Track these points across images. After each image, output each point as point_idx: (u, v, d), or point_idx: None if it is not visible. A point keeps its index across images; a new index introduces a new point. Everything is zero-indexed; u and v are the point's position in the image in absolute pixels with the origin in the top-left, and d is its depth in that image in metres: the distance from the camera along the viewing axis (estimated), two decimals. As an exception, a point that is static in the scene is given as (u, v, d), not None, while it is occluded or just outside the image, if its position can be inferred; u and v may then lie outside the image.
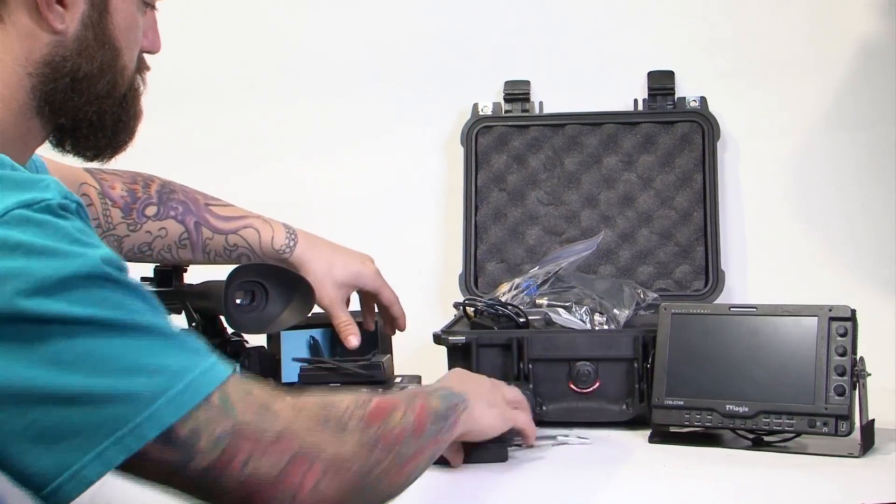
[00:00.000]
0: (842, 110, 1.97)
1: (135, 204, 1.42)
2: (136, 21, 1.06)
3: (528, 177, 1.97)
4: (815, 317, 1.33)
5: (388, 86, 2.07)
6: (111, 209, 1.41)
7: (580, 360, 1.48)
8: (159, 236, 1.43)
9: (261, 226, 1.48)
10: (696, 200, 1.91)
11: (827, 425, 1.29)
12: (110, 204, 1.41)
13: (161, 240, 1.44)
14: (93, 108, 1.04)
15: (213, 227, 1.46)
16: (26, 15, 0.97)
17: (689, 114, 1.95)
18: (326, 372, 1.46)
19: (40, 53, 0.99)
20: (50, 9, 0.97)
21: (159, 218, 1.43)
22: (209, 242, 1.46)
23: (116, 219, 1.41)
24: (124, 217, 1.42)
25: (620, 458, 1.34)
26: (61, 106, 1.02)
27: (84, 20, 1.00)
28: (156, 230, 1.43)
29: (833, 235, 1.94)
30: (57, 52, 1.00)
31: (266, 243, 1.47)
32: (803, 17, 1.99)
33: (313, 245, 1.49)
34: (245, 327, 1.38)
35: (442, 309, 1.85)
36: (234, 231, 1.47)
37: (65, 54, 1.00)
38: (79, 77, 1.02)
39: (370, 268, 1.53)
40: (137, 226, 1.42)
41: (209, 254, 1.47)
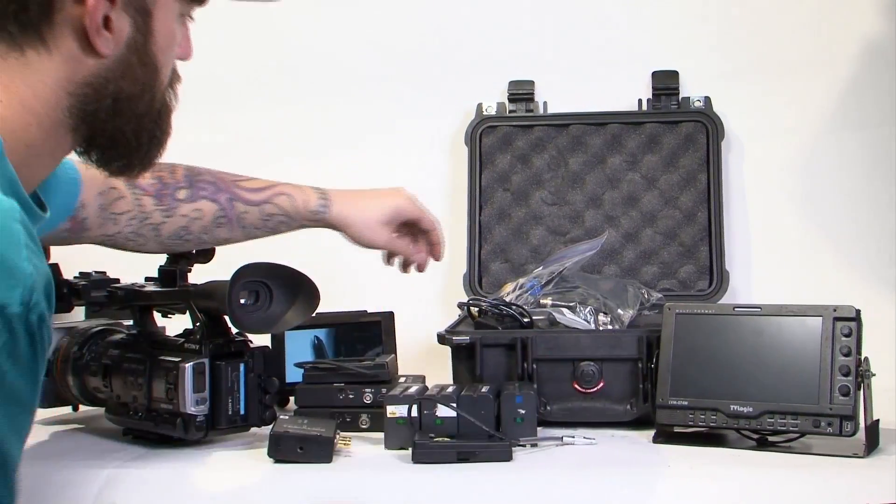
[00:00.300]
0: (846, 110, 1.97)
1: (165, 189, 1.42)
2: (175, 37, 1.06)
3: (532, 177, 1.97)
4: (819, 317, 1.33)
5: (392, 86, 2.07)
6: (142, 198, 1.41)
7: (584, 360, 1.48)
8: (196, 218, 1.44)
9: (292, 191, 1.49)
10: (700, 200, 1.91)
11: (831, 426, 1.29)
12: (140, 193, 1.41)
13: (197, 222, 1.44)
14: (131, 127, 1.04)
15: (246, 199, 1.47)
16: (72, 38, 0.97)
17: (693, 114, 1.95)
18: (330, 372, 1.47)
19: (82, 75, 0.99)
20: (99, 34, 0.97)
21: (192, 200, 1.44)
22: (245, 216, 1.47)
23: (149, 207, 1.41)
24: (157, 204, 1.42)
25: (625, 458, 1.34)
26: (102, 126, 1.02)
27: (129, 43, 1.00)
28: (191, 212, 1.44)
29: (837, 235, 1.94)
30: (99, 74, 0.99)
31: (301, 207, 1.48)
32: (808, 17, 1.99)
33: (345, 199, 1.51)
34: (249, 327, 1.38)
35: (446, 309, 1.85)
36: (266, 200, 1.48)
37: (107, 76, 1.00)
38: (121, 98, 1.01)
39: (405, 196, 1.56)
40: (171, 211, 1.43)
41: (246, 228, 1.48)
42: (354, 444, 1.36)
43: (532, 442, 1.36)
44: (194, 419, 1.34)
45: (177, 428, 1.34)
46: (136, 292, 1.46)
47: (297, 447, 1.30)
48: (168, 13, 1.03)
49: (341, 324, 1.71)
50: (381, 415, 1.37)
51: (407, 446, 1.33)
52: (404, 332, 1.72)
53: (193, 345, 1.38)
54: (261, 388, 1.40)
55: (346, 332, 1.72)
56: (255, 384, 1.40)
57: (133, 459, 1.33)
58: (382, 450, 1.36)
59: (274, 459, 1.30)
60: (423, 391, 1.41)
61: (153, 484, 1.25)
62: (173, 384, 1.35)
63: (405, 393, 1.39)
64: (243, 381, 1.39)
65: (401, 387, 1.43)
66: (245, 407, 1.39)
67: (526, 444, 1.35)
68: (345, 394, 1.45)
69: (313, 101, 2.09)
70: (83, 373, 1.50)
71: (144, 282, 1.49)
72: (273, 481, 1.26)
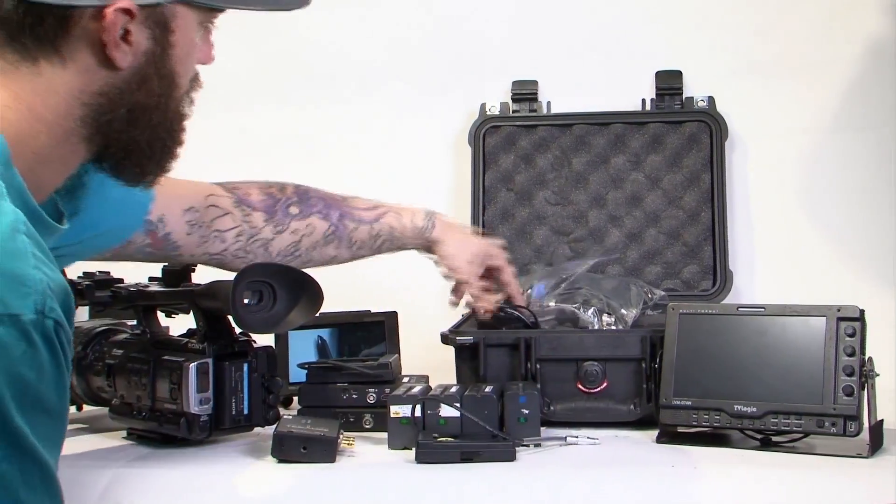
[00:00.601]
0: (850, 110, 1.96)
1: (276, 205, 1.43)
2: (195, 47, 1.05)
3: (535, 177, 1.97)
4: (823, 317, 1.33)
5: (396, 86, 2.07)
6: (252, 214, 1.42)
7: (588, 360, 1.48)
8: (306, 234, 1.45)
9: (401, 210, 1.54)
10: (703, 200, 1.91)
11: (835, 426, 1.29)
12: (250, 209, 1.42)
13: (308, 237, 1.46)
14: (145, 137, 1.03)
15: (358, 217, 1.49)
16: (88, 51, 0.96)
17: (696, 114, 1.95)
18: (334, 372, 1.47)
19: (97, 85, 0.98)
20: (116, 48, 0.96)
21: (303, 216, 1.45)
22: (354, 234, 1.49)
23: (260, 223, 1.42)
24: (268, 220, 1.43)
25: (628, 458, 1.34)
26: (116, 136, 1.02)
27: (146, 55, 0.99)
28: (302, 228, 1.45)
29: (841, 235, 1.94)
30: (115, 85, 0.99)
31: (407, 227, 1.53)
32: (811, 17, 1.99)
33: (449, 225, 1.57)
34: (253, 327, 1.38)
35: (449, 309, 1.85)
36: (377, 219, 1.51)
37: (123, 87, 0.99)
38: (136, 109, 1.01)
39: (498, 247, 1.61)
40: (283, 226, 1.44)
41: (353, 245, 1.50)
42: (358, 444, 1.37)
43: (535, 442, 1.36)
44: (198, 419, 1.35)
45: (181, 428, 1.34)
46: (140, 292, 1.46)
47: (300, 447, 1.30)
48: (188, 24, 1.03)
49: (345, 324, 1.72)
50: (384, 415, 1.37)
51: (410, 446, 1.33)
52: (408, 332, 1.72)
53: (197, 345, 1.38)
54: (264, 388, 1.40)
55: (349, 332, 1.72)
56: (258, 384, 1.40)
57: (137, 459, 1.34)
58: (386, 450, 1.36)
59: (277, 459, 1.31)
60: (426, 391, 1.41)
61: (157, 484, 1.25)
62: (177, 384, 1.35)
63: (409, 393, 1.39)
64: (247, 381, 1.39)
65: (404, 387, 1.43)
66: (249, 407, 1.39)
67: (529, 444, 1.35)
68: (348, 394, 1.45)
69: (317, 102, 2.09)
70: (87, 373, 1.50)
71: (148, 282, 1.49)
72: (277, 481, 1.26)
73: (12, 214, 0.87)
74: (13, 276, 0.83)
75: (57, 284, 0.87)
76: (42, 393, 0.85)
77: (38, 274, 0.84)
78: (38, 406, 0.85)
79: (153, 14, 0.98)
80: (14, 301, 0.82)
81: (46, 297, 0.84)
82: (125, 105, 1.00)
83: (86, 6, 0.94)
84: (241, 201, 1.42)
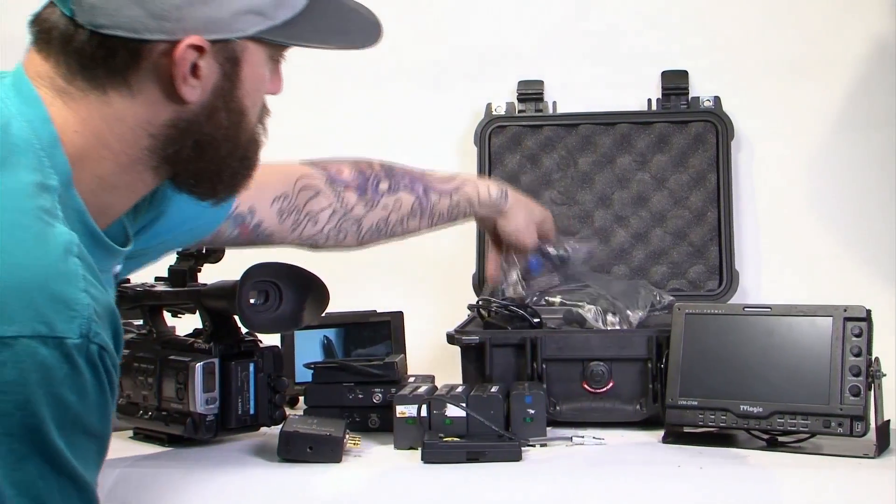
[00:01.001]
0: (856, 110, 1.96)
1: (367, 182, 1.45)
2: (264, 80, 1.05)
3: (541, 177, 1.97)
4: (829, 317, 1.33)
5: (402, 85, 2.07)
6: (344, 192, 1.43)
7: (594, 360, 1.48)
8: (394, 209, 1.47)
9: (476, 180, 1.58)
10: (709, 200, 1.90)
11: (842, 426, 1.29)
12: (342, 187, 1.43)
13: (396, 213, 1.47)
14: (213, 167, 1.03)
15: (439, 189, 1.51)
16: (157, 84, 0.96)
17: (702, 113, 1.94)
18: (339, 372, 1.47)
19: (165, 118, 0.98)
20: (185, 82, 0.96)
21: (392, 191, 1.47)
22: (436, 206, 1.51)
23: (352, 200, 1.43)
24: (360, 196, 1.44)
25: (634, 458, 1.34)
26: (184, 166, 1.02)
27: (215, 89, 0.99)
28: (391, 203, 1.47)
29: (848, 235, 1.94)
30: (183, 118, 0.99)
31: (484, 196, 1.55)
32: (817, 17, 1.98)
33: (518, 198, 1.60)
34: (259, 327, 1.39)
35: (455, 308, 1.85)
36: (455, 190, 1.53)
37: (191, 119, 0.99)
38: (204, 141, 1.01)
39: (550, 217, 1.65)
40: (374, 202, 1.45)
41: (434, 217, 1.52)
42: (364, 443, 1.37)
43: (541, 442, 1.36)
44: (204, 419, 1.35)
45: (187, 427, 1.35)
46: (146, 292, 1.46)
47: (306, 447, 1.30)
48: (258, 59, 1.02)
49: (351, 324, 1.72)
50: (390, 414, 1.37)
51: (416, 446, 1.33)
52: (414, 332, 1.72)
53: (203, 344, 1.39)
54: (270, 388, 1.40)
55: (355, 332, 1.72)
56: (264, 384, 1.40)
57: (143, 459, 1.34)
58: (392, 450, 1.36)
59: (283, 459, 1.31)
60: (432, 391, 1.41)
61: (163, 483, 1.26)
62: (183, 384, 1.35)
63: (415, 393, 1.39)
64: (253, 381, 1.39)
65: (410, 387, 1.43)
66: (255, 407, 1.39)
67: (535, 443, 1.35)
68: (354, 394, 1.45)
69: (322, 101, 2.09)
70: (93, 372, 1.50)
71: (154, 281, 1.49)
72: (282, 481, 1.26)
73: (66, 236, 0.88)
74: (61, 299, 0.85)
75: (104, 308, 0.89)
76: (83, 415, 0.87)
77: (85, 298, 0.86)
78: (79, 427, 0.87)
79: (223, 49, 0.98)
80: (60, 324, 0.84)
81: (92, 321, 0.86)
82: (193, 137, 1.00)
83: (157, 41, 0.95)
84: (333, 180, 1.42)
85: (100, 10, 0.93)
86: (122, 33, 0.94)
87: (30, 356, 0.82)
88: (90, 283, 0.87)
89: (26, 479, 0.84)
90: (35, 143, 0.93)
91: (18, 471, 0.83)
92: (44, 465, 0.84)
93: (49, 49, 0.97)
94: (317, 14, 1.04)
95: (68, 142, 0.95)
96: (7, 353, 0.82)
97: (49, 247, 0.86)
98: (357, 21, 1.10)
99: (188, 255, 1.46)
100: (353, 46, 1.09)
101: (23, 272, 0.84)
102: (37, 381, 0.83)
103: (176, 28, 0.94)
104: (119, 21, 0.93)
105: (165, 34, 0.94)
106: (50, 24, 0.96)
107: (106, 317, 0.89)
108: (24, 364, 0.82)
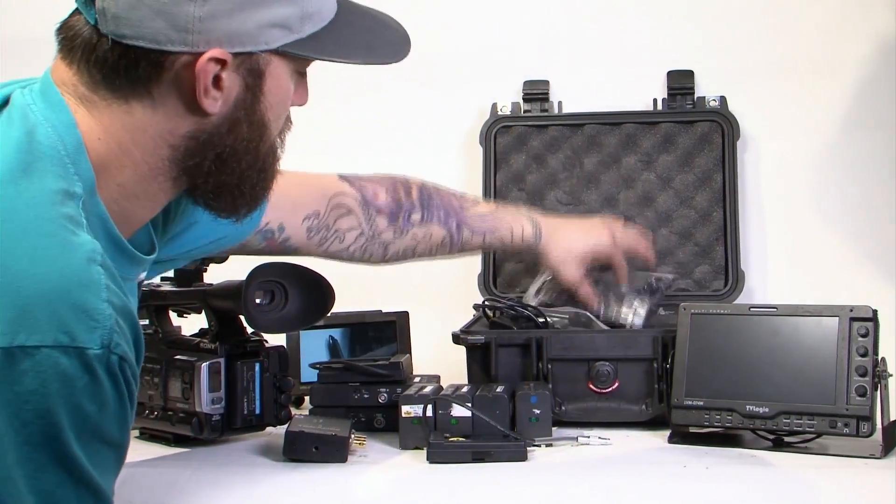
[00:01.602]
0: (862, 109, 1.96)
1: (399, 211, 1.45)
2: (288, 93, 1.05)
3: (547, 177, 1.97)
4: (835, 317, 1.32)
5: (407, 85, 2.07)
6: (376, 217, 1.44)
7: (599, 360, 1.47)
8: (423, 241, 1.48)
9: (512, 221, 1.57)
10: (715, 200, 1.90)
11: (848, 426, 1.29)
12: (375, 212, 1.43)
13: (424, 244, 1.48)
14: (234, 180, 1.03)
15: (472, 228, 1.52)
16: (179, 95, 0.97)
17: (708, 113, 1.94)
18: (345, 372, 1.47)
19: (187, 129, 0.99)
20: (206, 95, 0.96)
21: (424, 224, 1.47)
22: (466, 243, 1.52)
23: (382, 226, 1.44)
24: (390, 224, 1.45)
25: (640, 458, 1.34)
26: (204, 178, 1.02)
27: (237, 102, 0.99)
28: (421, 235, 1.48)
29: (854, 235, 1.93)
30: (204, 129, 0.99)
31: (518, 238, 1.56)
32: (823, 16, 1.98)
33: (555, 229, 1.59)
34: (264, 327, 1.39)
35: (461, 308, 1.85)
36: (490, 231, 1.54)
37: (212, 131, 0.99)
38: (225, 153, 1.01)
39: (609, 233, 1.62)
40: (404, 232, 1.46)
41: (464, 251, 1.53)
42: (369, 443, 1.37)
43: (547, 442, 1.36)
44: (210, 419, 1.35)
45: (192, 427, 1.35)
46: (152, 292, 1.46)
47: (312, 447, 1.30)
48: (281, 72, 1.02)
49: (356, 323, 1.72)
50: (396, 414, 1.37)
51: (422, 446, 1.33)
52: (419, 332, 1.72)
53: (209, 344, 1.39)
54: (276, 388, 1.41)
55: (361, 332, 1.72)
56: (270, 384, 1.40)
57: (149, 459, 1.34)
58: (397, 449, 1.36)
59: (289, 459, 1.31)
60: (437, 391, 1.41)
61: (169, 483, 1.26)
62: (189, 384, 1.35)
63: (420, 393, 1.39)
64: (259, 381, 1.39)
65: (416, 386, 1.43)
66: (260, 406, 1.40)
67: (541, 444, 1.35)
68: (360, 393, 1.45)
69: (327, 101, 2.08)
70: (99, 372, 1.50)
71: (160, 281, 1.49)
72: (288, 481, 1.26)
73: (89, 244, 0.89)
74: (83, 309, 0.85)
75: (126, 317, 0.89)
76: (102, 425, 0.87)
77: (107, 308, 0.86)
78: (98, 436, 0.87)
79: (246, 62, 0.98)
80: (82, 334, 0.84)
81: (113, 332, 0.86)
82: (214, 149, 1.00)
83: (179, 52, 0.95)
84: (367, 203, 1.43)
85: (123, 21, 0.94)
86: (144, 44, 0.94)
87: (51, 366, 0.83)
88: (112, 293, 0.88)
89: (46, 488, 0.85)
90: (61, 150, 0.93)
91: (38, 479, 0.84)
92: (62, 473, 0.85)
93: (73, 57, 0.97)
94: (344, 28, 1.04)
95: (92, 149, 0.96)
96: (29, 362, 0.82)
97: (72, 256, 0.87)
98: (385, 35, 1.10)
99: (194, 254, 1.47)
100: (378, 62, 1.11)
101: (46, 282, 0.84)
102: (57, 390, 0.83)
103: (199, 40, 0.94)
104: (142, 32, 0.94)
105: (188, 46, 0.94)
106: (74, 33, 0.97)
107: (127, 326, 0.89)
108: (46, 374, 0.83)
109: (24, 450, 0.83)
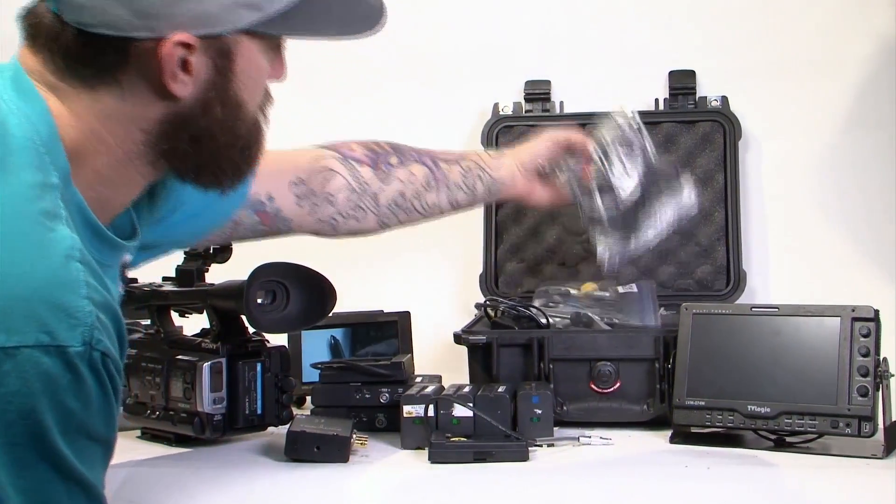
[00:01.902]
0: (863, 109, 1.96)
1: (378, 158, 1.45)
2: (262, 70, 1.03)
3: (548, 177, 1.96)
4: (837, 317, 1.32)
5: (409, 85, 2.07)
6: (359, 168, 1.42)
7: (601, 361, 1.48)
8: (409, 182, 1.46)
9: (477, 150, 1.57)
10: (717, 200, 1.90)
11: (850, 426, 1.29)
12: (356, 164, 1.42)
13: (411, 186, 1.46)
14: (213, 159, 1.03)
15: (446, 158, 1.51)
16: (146, 81, 0.96)
17: (710, 113, 1.94)
18: (346, 372, 1.47)
19: (158, 113, 0.98)
20: (174, 79, 0.95)
21: (403, 164, 1.46)
22: (448, 174, 1.50)
23: (367, 175, 1.43)
24: (374, 172, 1.43)
25: (641, 458, 1.34)
26: (182, 160, 1.01)
27: (207, 84, 0.98)
28: (405, 176, 1.46)
29: (855, 235, 1.93)
30: (176, 112, 0.98)
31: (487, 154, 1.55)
32: (824, 16, 1.98)
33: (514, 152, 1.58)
34: (266, 327, 1.39)
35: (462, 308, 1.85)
36: (461, 157, 1.52)
37: (185, 114, 0.98)
38: (200, 135, 1.00)
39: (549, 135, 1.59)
40: (388, 177, 1.44)
41: (451, 187, 1.50)
42: (371, 443, 1.37)
43: (548, 442, 1.36)
44: (211, 418, 1.35)
45: (194, 427, 1.35)
46: (154, 292, 1.46)
47: (313, 447, 1.30)
48: (253, 51, 1.01)
49: (358, 323, 1.72)
50: (397, 414, 1.37)
51: (423, 446, 1.33)
52: (420, 332, 1.72)
53: (211, 344, 1.39)
54: (278, 388, 1.41)
55: (362, 332, 1.72)
56: (272, 384, 1.40)
57: (150, 459, 1.34)
58: (399, 449, 1.36)
59: (290, 459, 1.31)
60: (439, 391, 1.41)
61: (170, 483, 1.26)
62: (191, 384, 1.35)
63: (422, 393, 1.39)
64: (260, 381, 1.39)
65: (417, 386, 1.43)
66: (262, 406, 1.40)
67: (542, 444, 1.35)
68: (361, 393, 1.45)
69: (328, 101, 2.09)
70: (101, 372, 1.50)
71: (162, 281, 1.50)
72: (289, 481, 1.26)
73: (67, 240, 0.88)
74: (63, 308, 0.84)
75: (107, 312, 0.88)
76: (87, 421, 0.87)
77: (87, 305, 0.86)
78: (83, 433, 0.87)
79: (214, 44, 0.97)
80: (62, 333, 0.84)
81: (94, 328, 0.86)
82: (188, 131, 0.99)
83: (143, 38, 0.94)
84: (346, 157, 1.42)
85: (84, 9, 0.93)
86: (107, 32, 0.93)
87: (33, 366, 0.82)
88: (93, 289, 0.87)
89: (32, 486, 0.84)
90: (35, 139, 0.92)
91: (24, 478, 0.84)
92: (50, 471, 0.85)
93: (38, 45, 0.96)
94: (315, 2, 1.02)
95: (65, 136, 0.95)
96: (10, 363, 0.82)
97: (50, 254, 0.86)
98: (359, 8, 1.07)
99: (196, 254, 1.47)
100: (351, 35, 1.07)
101: (24, 281, 0.84)
102: (40, 390, 0.83)
103: (163, 25, 0.94)
104: (104, 20, 0.93)
105: (151, 32, 0.93)
106: (38, 20, 0.96)
107: (109, 321, 0.89)
108: (27, 374, 0.82)
109: (9, 450, 0.83)
